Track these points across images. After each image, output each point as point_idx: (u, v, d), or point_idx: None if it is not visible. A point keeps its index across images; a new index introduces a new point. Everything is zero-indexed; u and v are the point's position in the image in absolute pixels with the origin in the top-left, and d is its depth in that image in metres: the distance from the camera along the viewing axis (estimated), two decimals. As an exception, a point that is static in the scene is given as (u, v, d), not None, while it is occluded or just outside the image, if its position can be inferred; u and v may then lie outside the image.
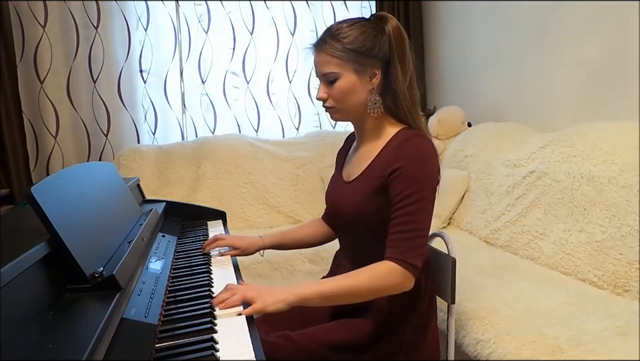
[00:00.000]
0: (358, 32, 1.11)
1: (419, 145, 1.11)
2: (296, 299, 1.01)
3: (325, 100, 1.16)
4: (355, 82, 1.12)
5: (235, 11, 2.96)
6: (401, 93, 1.13)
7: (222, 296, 0.99)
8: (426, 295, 1.21)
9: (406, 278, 1.05)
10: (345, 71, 1.12)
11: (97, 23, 2.71)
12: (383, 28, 1.13)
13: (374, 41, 1.11)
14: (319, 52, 1.14)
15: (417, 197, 1.06)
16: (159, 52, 2.86)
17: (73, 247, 0.85)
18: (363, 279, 1.05)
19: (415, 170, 1.08)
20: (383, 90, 1.15)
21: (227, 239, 1.35)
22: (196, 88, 2.95)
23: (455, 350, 1.34)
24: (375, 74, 1.13)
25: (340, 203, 1.24)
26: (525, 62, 2.46)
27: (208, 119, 3.00)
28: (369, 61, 1.12)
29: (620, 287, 1.58)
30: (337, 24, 1.15)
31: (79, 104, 2.74)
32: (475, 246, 2.14)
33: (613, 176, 1.69)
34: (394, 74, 1.12)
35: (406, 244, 1.05)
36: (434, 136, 2.85)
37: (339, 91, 1.13)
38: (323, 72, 1.14)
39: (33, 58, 2.63)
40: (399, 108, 1.15)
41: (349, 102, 1.14)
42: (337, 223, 1.32)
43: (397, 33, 1.13)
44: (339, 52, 1.11)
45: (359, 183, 1.18)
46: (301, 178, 2.77)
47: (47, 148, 2.71)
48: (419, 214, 1.07)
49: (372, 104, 1.14)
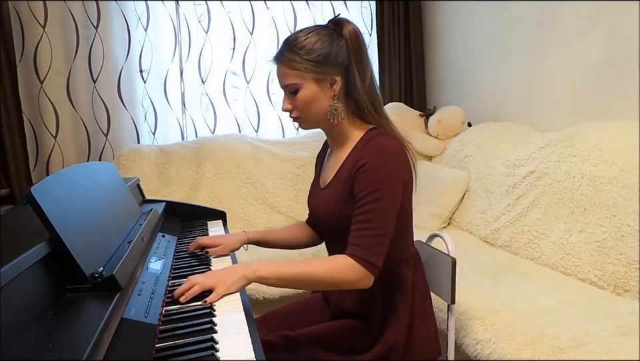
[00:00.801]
0: (314, 41, 1.12)
1: (383, 142, 1.12)
2: (254, 276, 1.05)
3: (290, 111, 1.18)
4: (316, 91, 1.13)
5: (234, 11, 2.96)
6: (361, 96, 1.14)
7: (182, 288, 1.01)
8: (416, 292, 1.21)
9: (363, 275, 1.06)
10: (304, 81, 1.13)
11: (97, 23, 2.71)
12: (340, 33, 1.14)
13: (330, 48, 1.12)
14: (279, 64, 1.16)
15: (378, 195, 1.07)
16: (159, 52, 2.86)
17: (73, 247, 0.85)
18: (320, 270, 1.07)
19: (377, 167, 1.08)
20: (346, 95, 1.16)
21: (207, 239, 1.35)
22: (196, 88, 2.95)
23: (455, 350, 1.34)
24: (335, 80, 1.14)
25: (317, 209, 1.26)
26: (525, 62, 2.46)
27: (208, 119, 3.00)
28: (328, 69, 1.12)
29: (620, 287, 1.58)
30: (294, 35, 1.16)
31: (78, 104, 2.74)
32: (475, 246, 2.14)
33: (613, 176, 1.69)
34: (353, 79, 1.13)
35: (365, 242, 1.06)
36: (434, 135, 2.86)
37: (301, 102, 1.14)
38: (284, 83, 1.15)
39: (32, 58, 2.63)
40: (362, 110, 1.16)
41: (312, 111, 1.15)
42: (318, 227, 1.34)
43: (353, 37, 1.14)
44: (297, 63, 1.12)
45: (331, 189, 1.19)
46: (301, 178, 2.77)
47: (47, 148, 2.71)
48: (379, 212, 1.07)
49: (332, 111, 1.15)
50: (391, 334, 1.15)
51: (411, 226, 1.24)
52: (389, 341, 1.15)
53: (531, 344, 1.29)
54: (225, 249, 1.33)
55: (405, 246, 1.22)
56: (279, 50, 1.16)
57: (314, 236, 1.42)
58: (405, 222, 1.19)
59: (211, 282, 1.02)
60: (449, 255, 1.28)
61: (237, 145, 2.77)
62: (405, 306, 1.18)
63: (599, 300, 1.53)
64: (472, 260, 1.90)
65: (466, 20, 2.89)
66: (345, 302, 1.24)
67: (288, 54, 1.13)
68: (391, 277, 1.18)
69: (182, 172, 2.68)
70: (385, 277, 1.17)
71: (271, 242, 1.41)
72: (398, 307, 1.17)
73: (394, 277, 1.19)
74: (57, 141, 2.71)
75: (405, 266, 1.20)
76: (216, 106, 3.00)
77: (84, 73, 2.73)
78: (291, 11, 3.05)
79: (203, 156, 2.70)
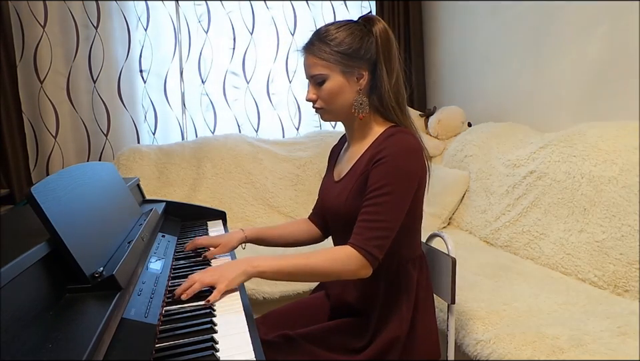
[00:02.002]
0: (345, 35, 1.13)
1: (402, 139, 1.12)
2: (255, 271, 1.05)
3: (314, 101, 1.18)
4: (342, 84, 1.14)
5: (234, 11, 2.96)
6: (387, 93, 1.15)
7: (183, 287, 1.02)
8: (420, 292, 1.21)
9: (363, 265, 1.06)
10: (332, 73, 1.13)
11: (97, 23, 2.71)
12: (370, 30, 1.15)
13: (360, 43, 1.13)
14: (308, 54, 1.16)
15: (389, 189, 1.07)
16: (159, 52, 2.86)
17: (73, 247, 0.85)
18: (320, 260, 1.07)
19: (394, 163, 1.09)
20: (371, 90, 1.17)
21: (204, 239, 1.35)
22: (196, 88, 2.95)
23: (455, 350, 1.34)
24: (362, 75, 1.15)
25: (329, 202, 1.26)
26: (525, 62, 2.46)
27: (208, 119, 3.00)
28: (356, 63, 1.13)
29: (620, 287, 1.58)
30: (325, 27, 1.17)
31: (78, 104, 2.74)
32: (475, 246, 2.14)
33: (613, 176, 1.69)
34: (380, 75, 1.14)
35: (369, 234, 1.06)
36: (434, 136, 2.86)
37: (327, 92, 1.15)
38: (312, 74, 1.16)
39: (32, 58, 2.63)
40: (385, 107, 1.16)
41: (337, 103, 1.16)
42: (329, 221, 1.33)
43: (383, 35, 1.15)
44: (327, 54, 1.13)
45: (346, 182, 1.20)
46: (301, 178, 2.77)
47: (47, 148, 2.71)
48: (388, 206, 1.07)
49: (357, 105, 1.16)
50: (392, 328, 1.16)
51: (420, 227, 1.24)
52: (390, 335, 1.15)
53: (531, 344, 1.29)
54: (224, 248, 1.32)
55: (414, 246, 1.23)
56: (308, 40, 1.17)
57: (315, 232, 1.42)
58: (415, 222, 1.20)
59: (211, 279, 1.03)
60: (449, 255, 1.28)
61: (236, 145, 2.77)
62: (408, 303, 1.18)
63: (599, 300, 1.53)
64: (472, 260, 1.90)
65: (466, 20, 2.89)
66: (347, 296, 1.24)
67: (318, 44, 1.14)
68: (397, 275, 1.19)
69: (182, 172, 2.68)
70: (390, 275, 1.18)
71: (269, 240, 1.41)
72: (401, 303, 1.18)
73: (400, 275, 1.19)
74: (57, 141, 2.71)
75: (412, 266, 1.21)
76: (216, 106, 3.00)
77: (84, 73, 2.73)
78: (291, 11, 3.05)
79: (203, 156, 2.70)
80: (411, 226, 1.19)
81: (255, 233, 1.39)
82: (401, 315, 1.17)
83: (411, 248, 1.22)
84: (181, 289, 1.01)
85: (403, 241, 1.16)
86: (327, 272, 1.08)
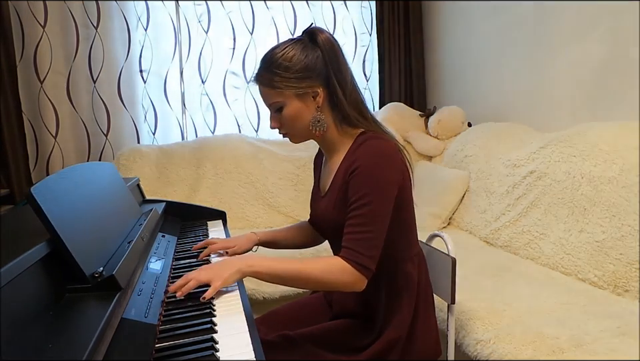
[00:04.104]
0: (290, 56, 1.12)
1: (373, 145, 1.11)
2: (250, 271, 1.06)
3: (278, 128, 1.18)
4: (299, 107, 1.13)
5: (234, 11, 2.96)
6: (345, 104, 1.14)
7: (178, 284, 1.02)
8: (421, 290, 1.21)
9: (357, 278, 1.06)
10: (287, 99, 1.13)
11: (97, 23, 2.71)
12: (315, 42, 1.14)
13: (307, 60, 1.12)
14: (259, 85, 1.16)
15: (368, 199, 1.07)
16: (159, 52, 2.86)
17: (73, 247, 0.85)
18: (315, 269, 1.07)
19: (368, 171, 1.08)
20: (330, 104, 1.15)
21: (219, 243, 1.35)
22: (196, 88, 2.95)
23: (455, 350, 1.34)
24: (317, 92, 1.13)
25: (318, 215, 1.26)
26: (525, 62, 2.46)
27: (208, 119, 3.00)
28: (308, 82, 1.12)
29: (620, 287, 1.58)
30: (270, 53, 1.16)
31: (79, 104, 2.74)
32: (475, 246, 2.14)
33: (613, 176, 1.69)
34: (334, 88, 1.13)
35: (358, 246, 1.06)
36: (434, 135, 2.86)
37: (287, 118, 1.15)
38: (268, 103, 1.16)
39: (32, 58, 2.63)
40: (348, 118, 1.15)
41: (299, 126, 1.16)
42: (321, 232, 1.34)
43: (327, 45, 1.14)
44: (277, 83, 1.12)
45: (330, 195, 1.20)
46: (301, 178, 2.77)
47: (47, 148, 2.71)
48: (370, 216, 1.07)
49: (314, 124, 1.15)
50: (392, 330, 1.15)
51: (414, 225, 1.23)
52: (390, 337, 1.15)
53: (531, 344, 1.29)
54: (238, 251, 1.32)
55: (410, 244, 1.23)
56: (257, 72, 1.17)
57: (316, 235, 1.42)
58: (407, 220, 1.20)
59: (206, 277, 1.02)
60: (449, 255, 1.27)
61: (236, 145, 2.77)
62: (410, 303, 1.18)
63: (599, 300, 1.53)
64: (472, 260, 1.90)
65: (466, 20, 2.89)
66: (349, 302, 1.24)
67: (266, 75, 1.14)
68: (397, 275, 1.19)
69: (182, 172, 2.68)
70: (390, 276, 1.18)
71: (279, 243, 1.41)
72: (402, 303, 1.18)
73: (399, 275, 1.19)
74: (57, 141, 2.71)
75: (410, 264, 1.20)
76: (216, 106, 3.00)
77: (84, 73, 2.73)
78: (291, 11, 3.05)
79: (203, 156, 2.70)
80: (404, 224, 1.18)
81: (267, 236, 1.39)
82: (402, 315, 1.17)
83: (408, 246, 1.21)
84: (176, 286, 1.01)
85: (399, 241, 1.16)
86: (320, 281, 1.07)
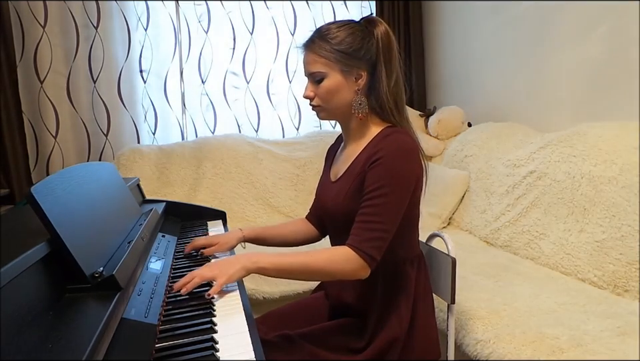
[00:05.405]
0: (346, 34, 1.13)
1: (399, 140, 1.12)
2: (254, 267, 1.06)
3: (311, 98, 1.18)
4: (340, 82, 1.14)
5: (234, 11, 2.96)
6: (385, 95, 1.15)
7: (182, 281, 1.02)
8: (419, 292, 1.21)
9: (361, 266, 1.07)
10: (331, 71, 1.14)
11: (97, 23, 2.71)
12: (371, 31, 1.15)
13: (361, 43, 1.13)
14: (308, 51, 1.17)
15: (386, 190, 1.07)
16: (159, 52, 2.86)
17: (73, 247, 0.85)
18: (319, 260, 1.07)
19: (390, 163, 1.09)
20: (369, 91, 1.17)
21: (202, 239, 1.36)
22: (196, 88, 2.95)
23: (455, 350, 1.34)
24: (361, 75, 1.15)
25: (326, 202, 1.26)
26: (525, 62, 2.46)
27: (208, 119, 3.00)
28: (356, 63, 1.14)
29: (620, 287, 1.58)
30: (326, 25, 1.17)
31: (79, 104, 2.74)
32: (475, 246, 2.14)
33: (613, 176, 1.69)
34: (379, 77, 1.14)
35: (366, 235, 1.07)
36: (434, 136, 2.86)
37: (325, 90, 1.15)
38: (310, 71, 1.16)
39: (32, 58, 2.63)
40: (382, 109, 1.17)
41: (334, 101, 1.16)
42: (326, 221, 1.34)
43: (385, 38, 1.15)
44: (327, 52, 1.13)
45: (343, 182, 1.20)
46: (301, 178, 2.77)
47: (47, 148, 2.71)
48: (385, 207, 1.07)
49: (357, 105, 1.16)
50: (391, 329, 1.16)
51: (417, 227, 1.24)
52: (389, 336, 1.15)
53: (531, 344, 1.29)
54: (221, 247, 1.33)
55: (411, 245, 1.23)
56: (309, 38, 1.17)
57: (313, 232, 1.42)
58: (412, 221, 1.20)
59: (211, 274, 1.03)
60: (449, 255, 1.28)
61: (237, 145, 2.77)
62: (407, 303, 1.18)
63: (599, 300, 1.53)
64: (472, 260, 1.90)
65: (466, 20, 2.89)
66: (345, 296, 1.24)
67: (319, 42, 1.14)
68: (395, 275, 1.19)
69: (182, 172, 2.68)
70: (388, 275, 1.18)
71: (267, 240, 1.41)
72: (400, 303, 1.18)
73: (397, 275, 1.19)
74: (57, 141, 2.71)
75: (410, 266, 1.21)
76: (216, 106, 3.00)
77: (84, 73, 2.73)
78: (291, 11, 3.05)
79: (203, 156, 2.70)
80: (408, 226, 1.18)
81: (254, 233, 1.39)
82: (400, 315, 1.17)
83: (408, 248, 1.22)
84: (181, 283, 1.02)
85: (400, 241, 1.16)
86: (325, 271, 1.08)
